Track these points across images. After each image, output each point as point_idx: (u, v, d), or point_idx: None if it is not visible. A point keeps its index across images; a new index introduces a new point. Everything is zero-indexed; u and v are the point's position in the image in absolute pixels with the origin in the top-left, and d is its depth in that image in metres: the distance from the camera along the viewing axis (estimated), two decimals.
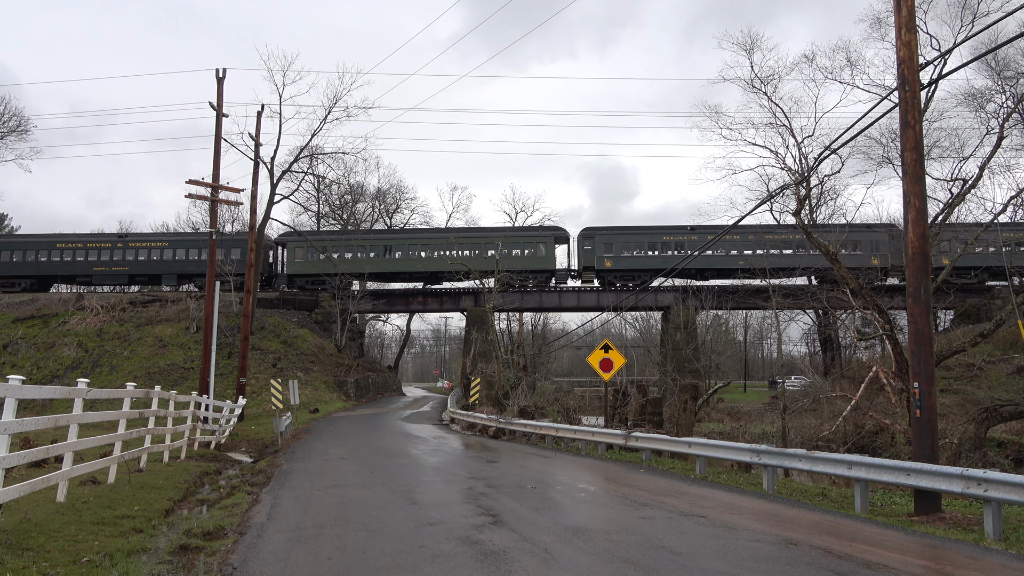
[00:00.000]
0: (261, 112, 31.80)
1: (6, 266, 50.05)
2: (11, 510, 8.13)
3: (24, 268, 50.33)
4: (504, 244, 45.69)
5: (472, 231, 53.56)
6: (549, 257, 49.61)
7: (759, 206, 46.24)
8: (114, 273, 50.29)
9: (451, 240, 49.62)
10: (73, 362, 40.88)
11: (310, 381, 40.40)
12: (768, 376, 73.92)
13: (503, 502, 9.77)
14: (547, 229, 51.63)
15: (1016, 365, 28.36)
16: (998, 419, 16.83)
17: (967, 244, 21.21)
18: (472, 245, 49.27)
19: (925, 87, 14.71)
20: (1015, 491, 7.85)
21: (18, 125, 51.70)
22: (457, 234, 51.46)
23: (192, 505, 10.98)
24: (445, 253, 49.22)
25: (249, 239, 31.78)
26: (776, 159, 30.62)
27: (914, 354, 10.39)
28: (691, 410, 23.90)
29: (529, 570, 6.18)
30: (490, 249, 48.25)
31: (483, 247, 48.65)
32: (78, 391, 9.23)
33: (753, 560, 6.55)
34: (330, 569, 6.36)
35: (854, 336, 30.59)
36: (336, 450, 17.92)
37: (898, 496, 12.29)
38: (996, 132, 21.46)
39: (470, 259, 47.32)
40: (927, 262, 10.47)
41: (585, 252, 48.89)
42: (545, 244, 49.61)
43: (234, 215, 59.35)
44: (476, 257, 47.97)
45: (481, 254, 48.26)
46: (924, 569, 6.34)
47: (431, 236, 51.64)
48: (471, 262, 46.72)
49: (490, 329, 35.89)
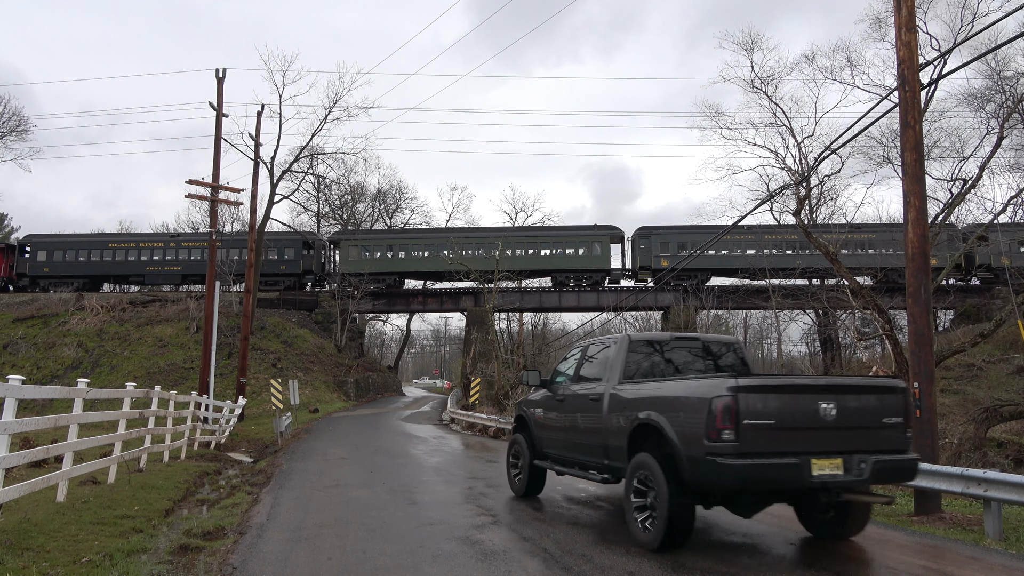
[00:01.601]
0: (261, 112, 31.81)
1: (59, 266, 49.94)
2: (11, 510, 8.13)
3: (76, 268, 50.28)
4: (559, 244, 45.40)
5: (527, 230, 53.20)
6: (604, 256, 49.27)
7: (759, 206, 46.20)
8: (167, 273, 50.32)
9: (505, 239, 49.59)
10: (73, 362, 40.88)
11: (310, 381, 40.40)
12: None
13: (503, 502, 9.78)
14: (602, 228, 50.98)
15: (1016, 365, 28.33)
16: (998, 419, 16.81)
17: (967, 244, 21.21)
18: (527, 244, 49.13)
19: (925, 87, 14.70)
20: (1015, 491, 7.85)
21: (18, 125, 51.66)
22: (511, 234, 51.29)
23: (192, 505, 10.98)
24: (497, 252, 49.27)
25: (249, 239, 31.79)
26: (776, 159, 30.61)
27: (914, 354, 10.39)
28: None
29: (530, 570, 6.18)
30: (544, 249, 48.10)
31: (537, 247, 48.52)
32: (78, 391, 9.23)
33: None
34: (330, 569, 6.36)
35: (854, 336, 30.58)
36: (336, 450, 17.92)
37: (898, 496, 12.28)
38: (996, 132, 21.45)
39: (523, 259, 47.28)
40: (927, 262, 10.47)
41: (641, 251, 48.41)
42: (600, 243, 49.25)
43: (234, 215, 59.44)
44: (530, 257, 47.87)
45: (535, 254, 48.07)
46: (924, 569, 6.34)
47: (484, 235, 51.26)
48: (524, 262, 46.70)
49: (490, 329, 35.89)
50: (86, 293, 48.84)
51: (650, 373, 8.22)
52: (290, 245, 50.01)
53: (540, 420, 9.68)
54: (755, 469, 5.92)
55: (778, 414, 6.09)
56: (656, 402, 6.92)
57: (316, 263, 50.41)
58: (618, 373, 8.03)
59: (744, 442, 5.96)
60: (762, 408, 6.05)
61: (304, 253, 50.12)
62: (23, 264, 50.54)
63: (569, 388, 9.03)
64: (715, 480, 6.08)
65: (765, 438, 6.03)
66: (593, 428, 8.14)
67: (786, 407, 6.16)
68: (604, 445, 7.82)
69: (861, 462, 6.20)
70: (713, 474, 6.02)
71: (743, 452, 5.95)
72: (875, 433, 6.47)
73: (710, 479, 6.10)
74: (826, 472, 6.09)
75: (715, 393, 6.07)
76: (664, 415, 6.68)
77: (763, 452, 6.01)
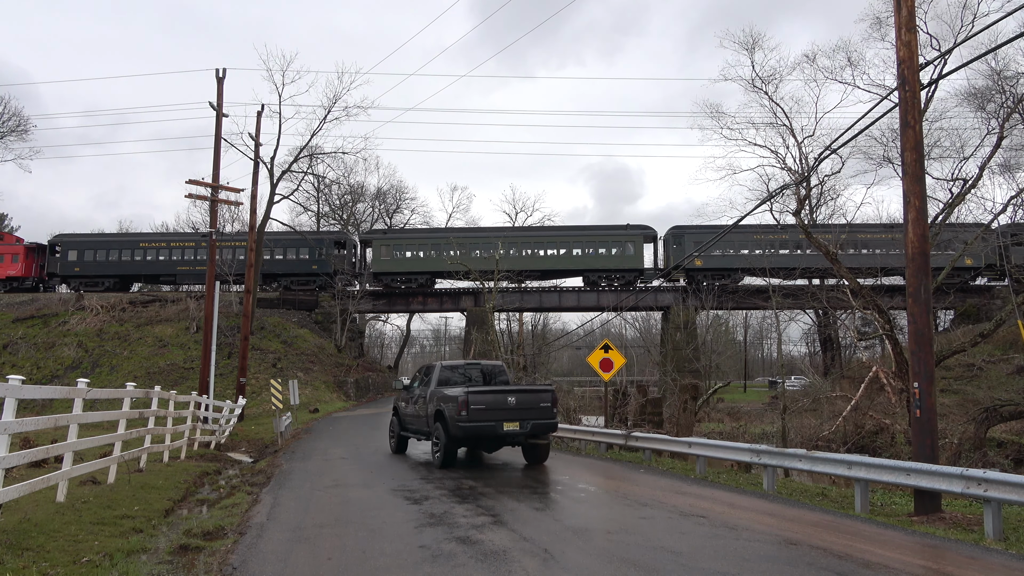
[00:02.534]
0: (261, 112, 31.79)
1: (91, 265, 49.70)
2: (11, 510, 8.13)
3: (107, 267, 50.05)
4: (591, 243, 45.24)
5: (558, 230, 53.03)
6: (638, 256, 49.04)
7: (759, 206, 46.32)
8: (198, 272, 49.97)
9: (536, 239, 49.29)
10: (73, 362, 40.86)
11: (310, 381, 40.37)
12: (769, 376, 73.90)
13: (503, 502, 9.78)
14: (635, 228, 50.53)
15: (1016, 365, 28.33)
16: (998, 419, 16.82)
17: (967, 244, 21.21)
18: (559, 244, 49.04)
19: (925, 87, 14.70)
20: (1015, 491, 7.85)
21: (18, 125, 51.70)
22: (543, 233, 51.14)
23: (192, 505, 10.98)
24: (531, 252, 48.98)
25: (249, 239, 31.78)
26: (776, 159, 30.62)
27: (914, 354, 10.39)
28: (691, 410, 23.91)
29: (529, 570, 6.18)
30: (576, 248, 47.97)
31: (569, 246, 48.42)
32: (78, 391, 9.22)
33: (753, 560, 6.55)
34: (330, 569, 6.36)
35: (854, 336, 30.58)
36: (336, 450, 17.92)
37: (898, 496, 12.29)
38: (996, 132, 21.47)
39: (556, 258, 47.00)
40: (927, 262, 10.47)
41: (674, 251, 48.09)
42: (634, 243, 49.01)
43: (234, 215, 59.45)
44: (561, 257, 47.68)
45: (568, 253, 47.94)
46: (924, 569, 6.34)
47: (519, 235, 51.04)
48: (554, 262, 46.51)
49: (490, 329, 35.89)
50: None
51: (449, 383, 14.53)
52: (322, 245, 49.81)
53: (403, 408, 16.16)
54: (477, 427, 12.70)
55: (487, 403, 12.77)
56: (444, 398, 13.35)
57: (348, 262, 50.35)
58: (434, 382, 14.56)
59: (472, 416, 12.61)
60: (480, 400, 12.73)
61: (335, 253, 50.00)
62: (54, 264, 50.34)
63: (415, 390, 15.59)
64: (462, 434, 12.75)
65: (481, 414, 12.65)
66: (422, 413, 14.51)
67: (491, 400, 12.82)
68: (426, 420, 14.19)
69: (527, 423, 12.93)
70: (460, 431, 12.71)
71: (471, 420, 12.62)
72: (535, 410, 13.13)
73: (460, 434, 12.77)
74: (510, 428, 12.84)
75: (461, 394, 12.75)
76: (446, 404, 13.16)
77: (481, 420, 12.66)
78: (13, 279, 49.75)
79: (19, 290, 49.64)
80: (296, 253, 49.28)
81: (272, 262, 49.24)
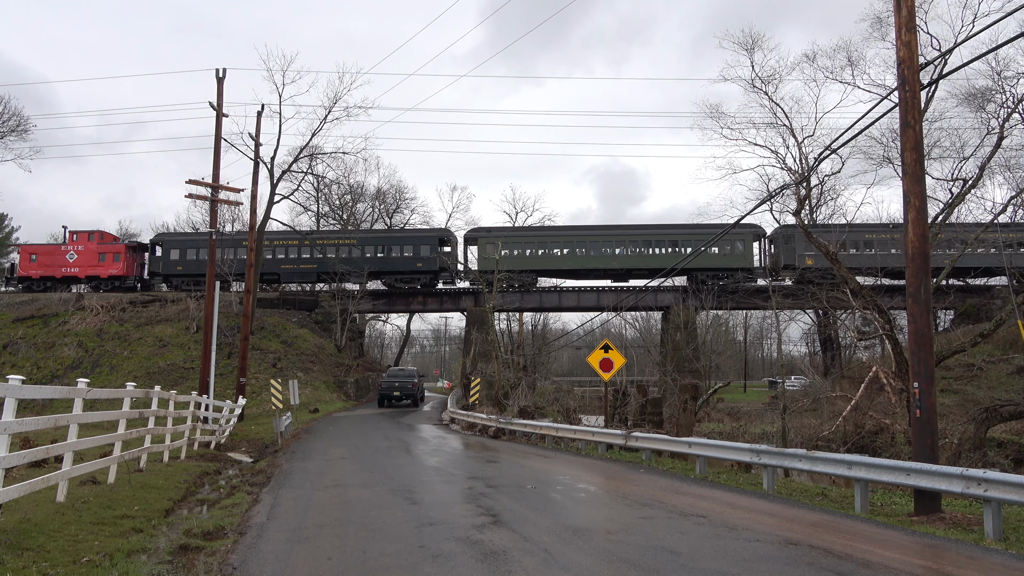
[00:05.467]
0: (261, 112, 31.78)
1: (192, 264, 49.50)
2: (11, 510, 8.12)
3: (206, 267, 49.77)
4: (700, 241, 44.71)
5: (666, 228, 52.14)
6: (747, 255, 48.49)
7: (759, 205, 46.36)
8: (302, 271, 50.26)
9: (644, 238, 48.82)
10: (73, 362, 40.86)
11: (310, 381, 40.39)
12: (769, 376, 73.86)
13: (503, 502, 9.78)
14: (745, 226, 48.48)
15: (1016, 365, 28.33)
16: (998, 419, 16.81)
17: (967, 244, 21.21)
18: (668, 243, 48.65)
19: (925, 87, 14.70)
20: (1015, 491, 7.85)
21: (18, 125, 51.62)
22: (650, 231, 50.58)
23: (192, 505, 10.98)
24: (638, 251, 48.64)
25: (249, 239, 31.77)
26: (776, 159, 30.61)
27: (914, 354, 10.39)
28: (691, 410, 23.87)
29: (529, 570, 6.18)
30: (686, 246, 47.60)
31: (680, 244, 47.97)
32: (78, 391, 9.22)
33: (753, 560, 6.55)
34: (330, 569, 6.36)
35: (854, 336, 30.57)
36: (336, 450, 17.92)
37: (898, 496, 12.28)
38: (996, 132, 21.45)
39: (664, 257, 46.84)
40: (927, 262, 10.46)
41: (785, 249, 47.23)
42: (743, 241, 48.41)
43: (234, 215, 59.41)
44: (671, 255, 47.12)
45: (675, 252, 47.40)
46: (924, 569, 6.34)
47: (624, 233, 50.43)
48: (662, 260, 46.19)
49: (490, 329, 35.88)
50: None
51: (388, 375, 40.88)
52: (426, 242, 49.62)
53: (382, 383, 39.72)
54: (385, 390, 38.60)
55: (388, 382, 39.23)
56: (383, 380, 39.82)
57: (452, 260, 50.24)
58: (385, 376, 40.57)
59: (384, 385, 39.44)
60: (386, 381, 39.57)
61: (440, 251, 49.93)
62: (156, 263, 50.45)
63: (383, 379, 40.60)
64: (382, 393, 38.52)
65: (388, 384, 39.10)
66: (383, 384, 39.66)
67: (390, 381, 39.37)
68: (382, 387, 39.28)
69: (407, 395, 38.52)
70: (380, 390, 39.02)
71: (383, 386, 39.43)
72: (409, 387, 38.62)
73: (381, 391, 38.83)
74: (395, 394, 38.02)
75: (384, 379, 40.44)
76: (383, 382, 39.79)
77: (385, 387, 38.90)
78: (116, 278, 49.99)
79: (121, 289, 49.76)
80: (400, 251, 49.19)
81: (372, 260, 49.07)
